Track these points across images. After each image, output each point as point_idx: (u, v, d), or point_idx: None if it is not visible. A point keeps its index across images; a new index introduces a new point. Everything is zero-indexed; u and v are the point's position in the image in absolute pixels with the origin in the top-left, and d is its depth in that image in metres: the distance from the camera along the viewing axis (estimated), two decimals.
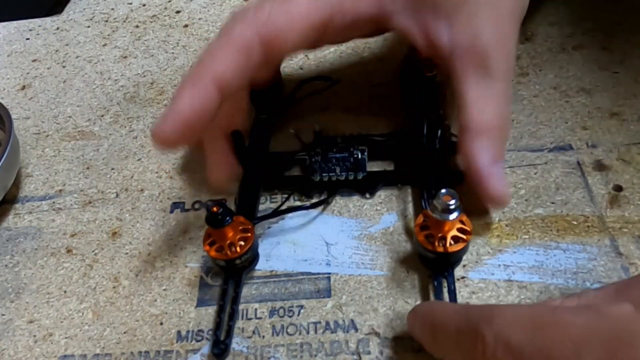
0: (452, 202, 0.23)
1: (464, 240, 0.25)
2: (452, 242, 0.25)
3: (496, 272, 0.26)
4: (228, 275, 0.27)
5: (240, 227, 0.26)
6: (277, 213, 0.28)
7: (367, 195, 0.30)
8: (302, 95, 0.32)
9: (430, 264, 0.26)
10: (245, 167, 0.30)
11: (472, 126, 0.25)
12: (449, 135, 0.30)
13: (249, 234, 0.26)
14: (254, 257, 0.27)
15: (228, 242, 0.26)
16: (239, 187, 0.30)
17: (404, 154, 0.31)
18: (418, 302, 0.25)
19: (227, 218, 0.25)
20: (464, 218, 0.25)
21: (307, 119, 0.34)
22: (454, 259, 0.26)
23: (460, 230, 0.25)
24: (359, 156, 0.30)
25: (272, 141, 0.33)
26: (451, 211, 0.24)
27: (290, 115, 0.34)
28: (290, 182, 0.31)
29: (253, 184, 0.30)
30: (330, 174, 0.29)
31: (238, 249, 0.26)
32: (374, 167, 0.31)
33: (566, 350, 0.16)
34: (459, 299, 0.25)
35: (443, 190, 0.24)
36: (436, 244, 0.25)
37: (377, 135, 0.31)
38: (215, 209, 0.25)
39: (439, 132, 0.29)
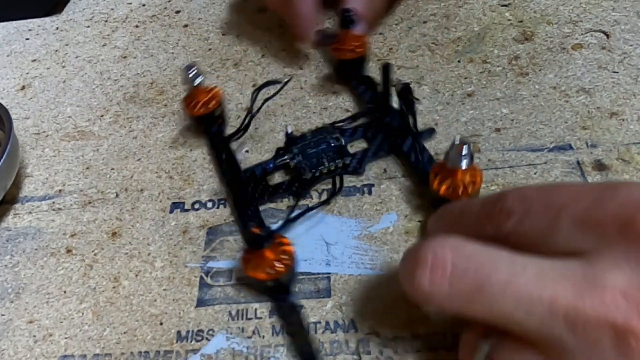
0: (465, 149, 0.25)
1: (466, 193, 0.26)
2: (461, 192, 0.26)
3: None
4: (273, 298, 0.26)
5: (281, 248, 0.26)
6: (289, 221, 0.28)
7: (360, 172, 0.30)
8: (261, 104, 0.33)
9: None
10: (238, 189, 0.29)
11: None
12: (412, 97, 0.30)
13: (289, 259, 0.25)
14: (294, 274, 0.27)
15: (268, 262, 0.25)
16: (237, 210, 0.29)
17: (375, 128, 0.32)
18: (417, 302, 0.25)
19: (269, 239, 0.24)
20: (477, 171, 0.27)
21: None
22: None
23: (471, 180, 0.26)
24: (341, 142, 0.30)
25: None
26: (463, 158, 0.25)
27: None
28: (282, 188, 0.30)
29: (252, 204, 0.29)
30: (320, 167, 0.30)
31: (281, 267, 0.25)
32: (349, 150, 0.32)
33: (564, 197, 0.20)
34: None
35: (457, 141, 0.25)
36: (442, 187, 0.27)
37: (341, 120, 0.33)
38: (256, 229, 0.24)
39: (405, 95, 0.29)
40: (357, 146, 0.32)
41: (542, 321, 0.18)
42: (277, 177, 0.31)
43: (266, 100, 0.33)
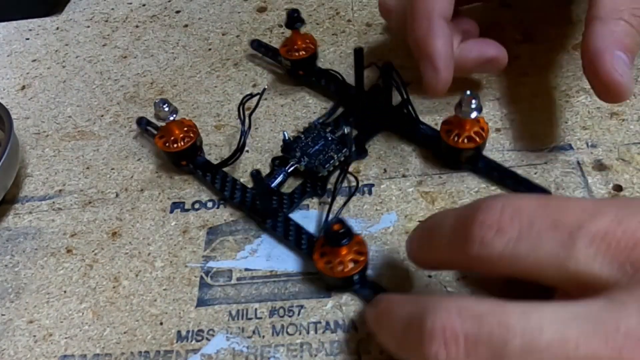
0: (474, 102, 0.27)
1: (475, 142, 0.28)
2: (466, 141, 0.28)
3: None
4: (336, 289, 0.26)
5: (355, 248, 0.25)
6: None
7: (364, 155, 0.31)
8: (248, 121, 0.32)
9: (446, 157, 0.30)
10: (268, 205, 0.29)
11: (602, 13, 0.24)
12: (396, 72, 0.31)
13: (363, 257, 0.25)
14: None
15: (339, 260, 0.25)
16: (265, 224, 0.29)
17: (356, 113, 0.33)
18: None
19: (347, 238, 0.24)
20: (483, 121, 0.29)
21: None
22: (464, 154, 0.29)
23: (476, 133, 0.28)
24: (343, 132, 0.30)
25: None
26: (473, 110, 0.27)
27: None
28: (303, 192, 0.30)
29: (282, 216, 0.29)
30: (331, 162, 0.30)
31: (351, 265, 0.25)
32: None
33: (577, 213, 0.17)
34: None
35: (467, 92, 0.27)
36: (456, 139, 0.28)
37: (322, 116, 0.34)
38: (337, 226, 0.24)
39: (389, 72, 0.30)
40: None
41: None
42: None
43: (250, 114, 0.32)
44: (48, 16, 0.47)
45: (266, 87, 0.36)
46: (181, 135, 0.31)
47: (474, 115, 0.27)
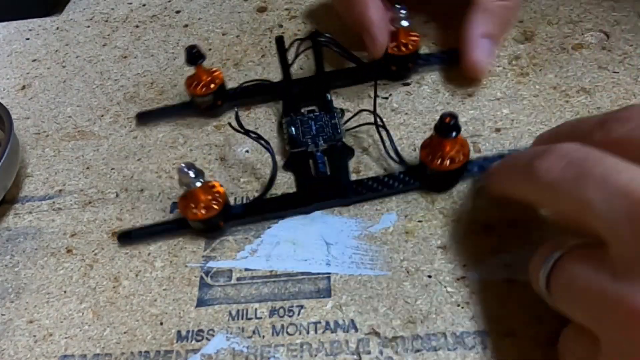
0: (403, 12, 0.32)
1: (414, 46, 0.33)
2: (403, 49, 0.33)
3: (496, 271, 0.26)
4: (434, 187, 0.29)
5: (457, 147, 0.27)
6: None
7: (334, 109, 0.33)
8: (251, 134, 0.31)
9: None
10: (347, 181, 0.30)
11: (476, 3, 0.32)
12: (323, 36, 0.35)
13: (463, 156, 0.27)
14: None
15: (444, 153, 0.27)
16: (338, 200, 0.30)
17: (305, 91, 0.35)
18: (418, 302, 0.25)
19: (454, 132, 0.26)
20: (415, 33, 0.33)
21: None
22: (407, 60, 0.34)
23: (412, 40, 0.33)
24: (327, 98, 0.34)
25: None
26: (400, 19, 0.32)
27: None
28: (340, 161, 0.31)
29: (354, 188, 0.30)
30: (339, 127, 0.32)
31: (451, 162, 0.27)
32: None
33: None
34: (458, 300, 0.25)
35: (397, 5, 0.32)
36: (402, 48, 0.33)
37: (283, 114, 0.34)
38: (448, 119, 0.26)
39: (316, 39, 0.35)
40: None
41: (615, 216, 0.18)
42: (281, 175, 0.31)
43: (248, 130, 0.31)
44: (48, 16, 0.47)
45: (236, 109, 0.32)
46: (209, 201, 0.28)
47: (405, 23, 0.32)
